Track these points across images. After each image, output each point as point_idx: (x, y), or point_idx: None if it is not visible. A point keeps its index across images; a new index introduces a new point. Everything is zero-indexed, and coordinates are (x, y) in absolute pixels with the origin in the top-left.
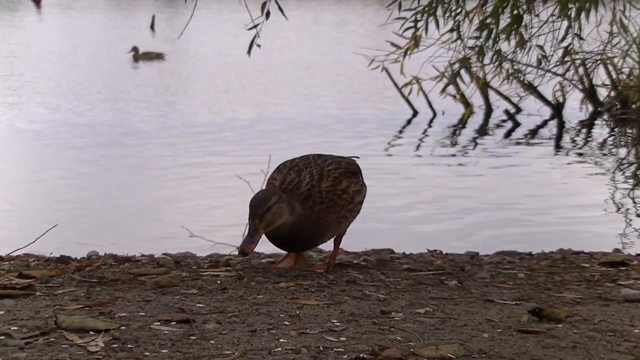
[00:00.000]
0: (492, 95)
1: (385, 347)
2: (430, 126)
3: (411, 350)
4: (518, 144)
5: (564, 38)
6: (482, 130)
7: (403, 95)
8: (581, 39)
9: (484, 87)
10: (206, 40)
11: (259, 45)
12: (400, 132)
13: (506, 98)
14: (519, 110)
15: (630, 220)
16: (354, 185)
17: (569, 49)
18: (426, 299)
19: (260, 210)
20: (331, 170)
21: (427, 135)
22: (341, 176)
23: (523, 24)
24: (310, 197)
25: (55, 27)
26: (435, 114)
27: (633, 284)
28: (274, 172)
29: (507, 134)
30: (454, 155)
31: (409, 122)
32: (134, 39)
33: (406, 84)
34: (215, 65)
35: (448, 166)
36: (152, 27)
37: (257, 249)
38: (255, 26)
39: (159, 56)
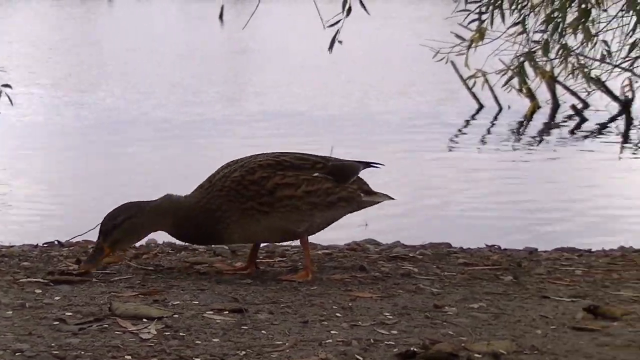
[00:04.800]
0: (560, 91)
1: (437, 341)
2: (496, 120)
3: (462, 345)
4: (584, 139)
5: (632, 32)
6: (548, 125)
7: (469, 89)
8: None
9: (551, 81)
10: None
11: (340, 42)
12: (466, 125)
13: (573, 93)
14: (586, 105)
15: None
16: (280, 178)
17: (636, 43)
18: (480, 294)
19: (105, 227)
20: (256, 161)
21: (492, 129)
22: (261, 168)
23: (590, 18)
24: (214, 187)
25: (125, 17)
26: (501, 108)
27: None
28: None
29: (574, 130)
30: (518, 149)
31: (474, 115)
32: (203, 30)
33: (470, 77)
34: (293, 61)
35: (512, 162)
36: (220, 17)
37: (312, 240)
38: (336, 22)
39: None
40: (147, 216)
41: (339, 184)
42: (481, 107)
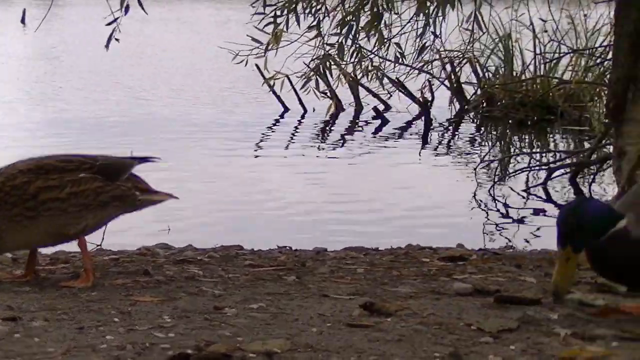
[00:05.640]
0: (363, 93)
1: (212, 343)
2: (300, 123)
3: (238, 345)
4: (386, 141)
5: (421, 35)
6: (352, 127)
7: (273, 92)
8: (436, 36)
9: (353, 84)
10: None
11: (117, 40)
12: (270, 128)
13: (375, 95)
14: (388, 107)
15: (488, 216)
16: (42, 182)
17: (426, 45)
18: (262, 295)
19: None
20: (16, 167)
21: (297, 132)
22: (22, 173)
23: (383, 21)
24: None
25: None
26: (305, 111)
27: (467, 277)
28: None
29: (376, 131)
30: (322, 150)
31: (279, 118)
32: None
33: (270, 78)
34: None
35: (316, 163)
36: (22, 21)
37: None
38: (114, 20)
39: None
40: None
41: (109, 182)
42: (286, 109)
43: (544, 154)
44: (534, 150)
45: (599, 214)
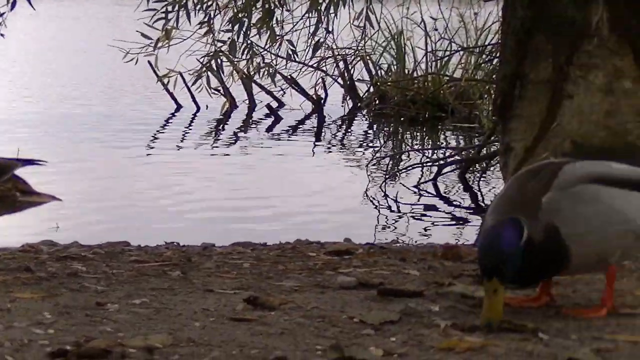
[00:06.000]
0: (256, 90)
1: (92, 339)
2: (194, 120)
3: (119, 341)
4: (279, 138)
5: (314, 32)
6: (245, 125)
7: (167, 90)
8: (329, 32)
9: (246, 81)
10: None
11: (2, 35)
12: (163, 126)
13: (269, 92)
14: (281, 105)
15: (378, 211)
16: None
17: (319, 43)
18: (145, 290)
19: None
20: None
21: (190, 130)
22: None
23: (275, 18)
24: None
25: None
26: (199, 108)
27: (352, 271)
28: None
29: (269, 128)
30: (216, 148)
31: (172, 116)
32: None
33: (164, 76)
34: None
35: (210, 161)
36: None
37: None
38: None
39: None
40: None
41: None
42: (179, 107)
43: (434, 151)
44: (425, 147)
45: (515, 239)
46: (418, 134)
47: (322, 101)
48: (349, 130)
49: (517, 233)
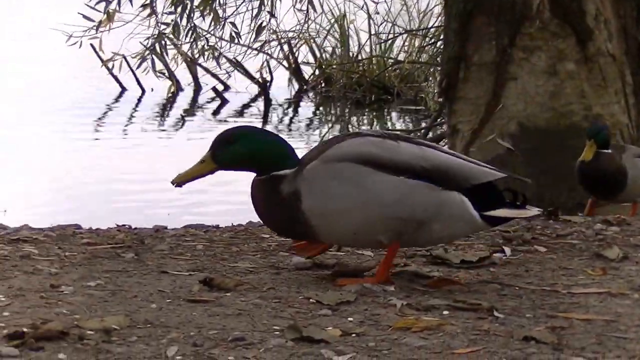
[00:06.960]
0: (202, 73)
1: (48, 321)
2: (139, 104)
3: (75, 323)
4: (225, 121)
5: (257, 15)
6: (191, 108)
7: (111, 73)
8: (273, 16)
9: (191, 64)
10: None
11: None
12: (109, 109)
13: (214, 75)
14: (227, 87)
15: None
16: None
17: (262, 26)
18: (99, 272)
19: None
20: None
21: (135, 113)
22: None
23: (218, 1)
24: None
25: None
26: (144, 92)
27: None
28: None
29: (216, 111)
30: (163, 131)
31: (117, 99)
32: None
33: (108, 60)
34: None
35: (155, 144)
36: None
37: None
38: None
39: None
40: None
41: None
42: (124, 90)
43: None
44: (371, 129)
45: (267, 145)
46: (364, 116)
47: (268, 84)
48: (296, 113)
49: (277, 150)
